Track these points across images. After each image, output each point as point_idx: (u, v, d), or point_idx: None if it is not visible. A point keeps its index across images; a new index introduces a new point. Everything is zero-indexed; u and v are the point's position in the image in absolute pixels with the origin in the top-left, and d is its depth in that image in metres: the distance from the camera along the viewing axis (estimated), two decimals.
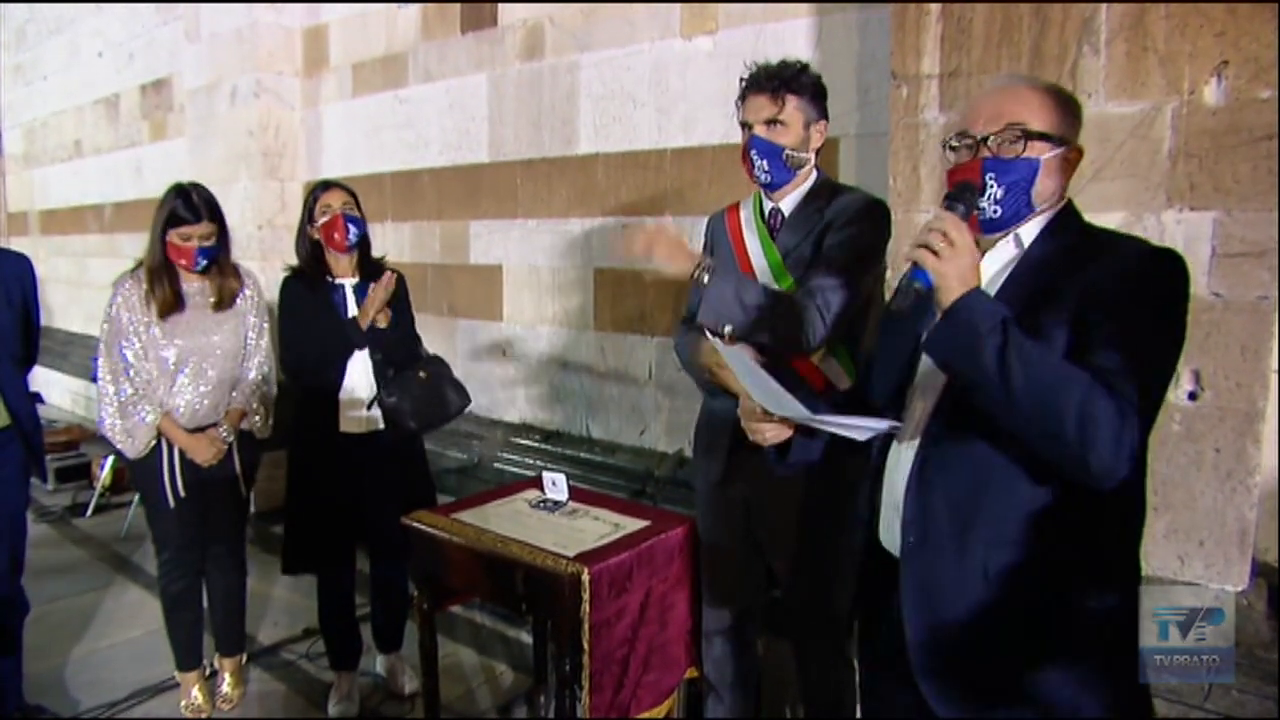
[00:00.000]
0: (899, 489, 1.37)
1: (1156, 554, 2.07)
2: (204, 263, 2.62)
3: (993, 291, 1.32)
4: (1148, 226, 1.98)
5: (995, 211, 1.32)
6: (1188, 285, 1.26)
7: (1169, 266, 1.26)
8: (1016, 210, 1.33)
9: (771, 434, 1.52)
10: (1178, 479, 2.03)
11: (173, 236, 2.57)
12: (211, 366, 2.69)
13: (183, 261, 2.60)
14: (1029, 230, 1.36)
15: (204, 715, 2.82)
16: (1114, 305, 1.21)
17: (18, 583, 2.65)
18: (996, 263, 1.38)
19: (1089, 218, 1.99)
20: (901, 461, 1.39)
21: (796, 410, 1.40)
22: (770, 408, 1.45)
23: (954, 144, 1.38)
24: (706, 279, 1.83)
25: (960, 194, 1.31)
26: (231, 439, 2.72)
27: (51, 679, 2.96)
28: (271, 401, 2.85)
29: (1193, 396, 1.99)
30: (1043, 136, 1.32)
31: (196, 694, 2.84)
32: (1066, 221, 1.37)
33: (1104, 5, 2.00)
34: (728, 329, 1.82)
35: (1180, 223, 1.96)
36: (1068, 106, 1.36)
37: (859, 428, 1.38)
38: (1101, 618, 1.28)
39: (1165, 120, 1.97)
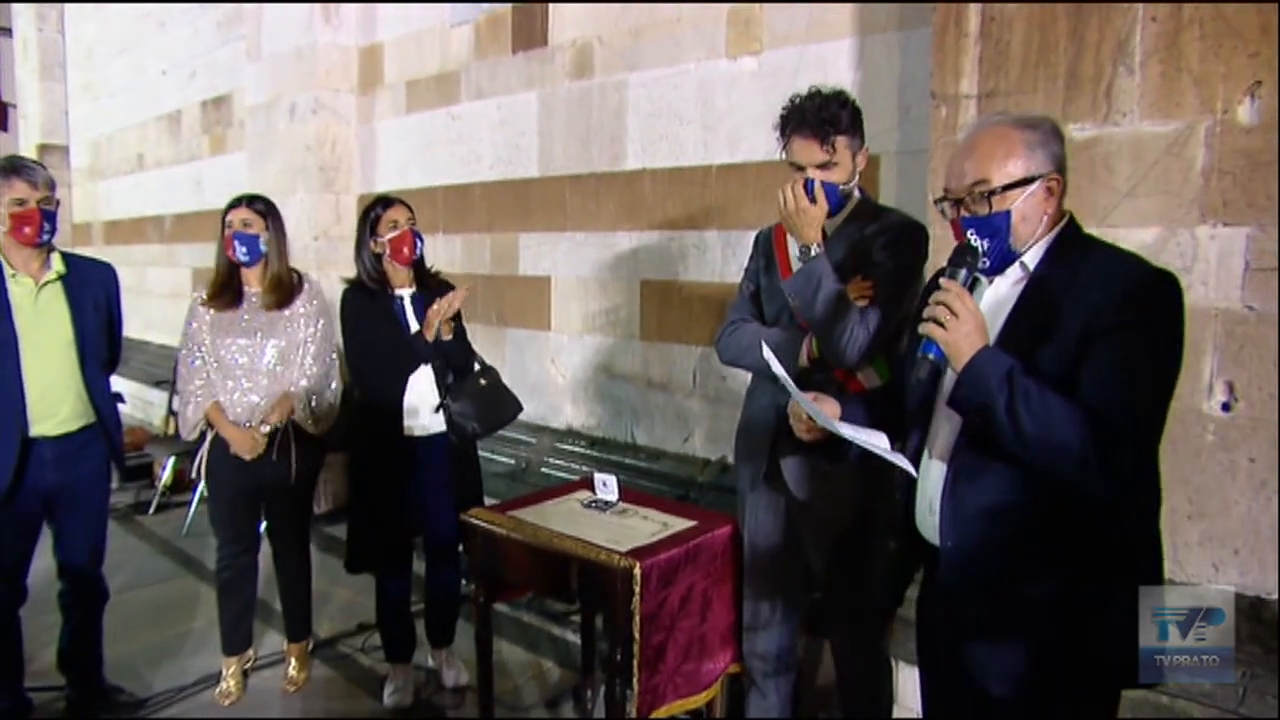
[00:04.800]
0: (930, 493, 1.54)
1: (1191, 561, 2.13)
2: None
3: (1004, 313, 1.47)
4: (1181, 242, 2.05)
5: (984, 263, 1.47)
6: (1183, 305, 1.37)
7: (1165, 290, 1.37)
8: (1002, 256, 1.46)
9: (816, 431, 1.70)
10: (1212, 488, 2.08)
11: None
12: (264, 366, 2.82)
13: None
14: (1033, 254, 1.47)
15: (231, 700, 2.94)
16: (1113, 332, 1.33)
17: (99, 569, 2.83)
18: (1005, 285, 1.50)
19: (1123, 233, 2.08)
20: (933, 471, 1.55)
21: (829, 422, 1.59)
22: (813, 416, 1.63)
23: (942, 199, 1.51)
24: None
25: (960, 258, 1.46)
26: (266, 431, 2.79)
27: (127, 663, 3.12)
28: (329, 405, 2.94)
29: (1226, 407, 2.05)
30: (1008, 187, 1.42)
31: (229, 679, 2.98)
32: (1068, 239, 1.47)
33: (1139, 27, 2.08)
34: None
35: (1214, 238, 2.02)
36: (1038, 140, 1.44)
37: (879, 449, 1.55)
38: (1113, 608, 1.41)
39: (1199, 139, 2.04)
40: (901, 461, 1.53)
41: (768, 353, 1.73)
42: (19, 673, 2.74)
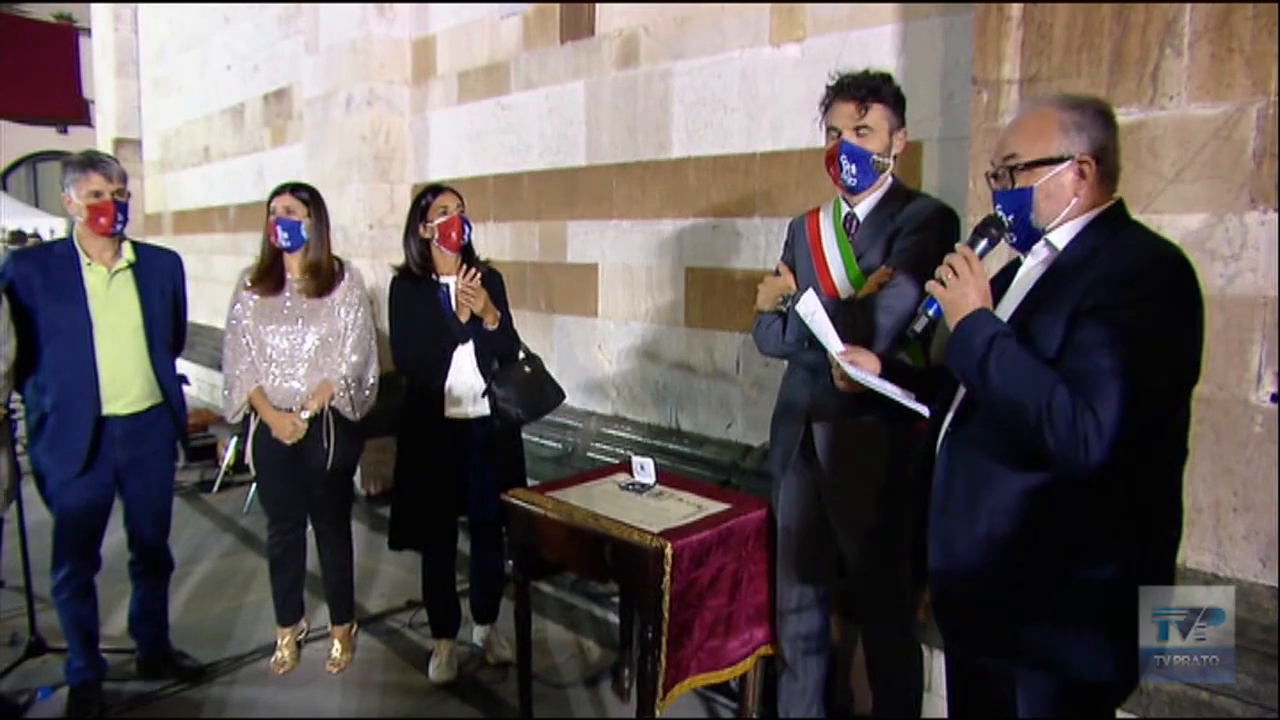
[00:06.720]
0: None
1: (1236, 556, 2.08)
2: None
3: (1025, 290, 1.50)
4: (1230, 228, 2.00)
5: (1011, 238, 1.52)
6: (1189, 285, 1.36)
7: (1164, 270, 1.37)
8: (1027, 232, 1.50)
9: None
10: (1259, 481, 2.03)
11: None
12: (304, 354, 2.91)
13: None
14: (1062, 234, 1.49)
15: (285, 669, 3.07)
16: (1101, 307, 1.34)
17: (165, 541, 2.99)
18: (1034, 264, 1.53)
19: (1169, 219, 2.04)
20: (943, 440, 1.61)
21: (863, 376, 1.72)
22: (846, 371, 1.75)
23: (989, 174, 1.55)
24: (786, 306, 2.08)
25: (984, 228, 1.52)
26: (306, 417, 2.88)
27: (190, 631, 3.29)
28: (368, 392, 3.01)
29: (1276, 398, 1.99)
30: (1033, 164, 1.45)
31: (283, 649, 3.12)
32: (1105, 223, 1.47)
33: (1188, 6, 2.03)
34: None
35: (1264, 224, 1.97)
36: (1076, 121, 1.44)
37: (897, 396, 1.64)
38: (1092, 589, 1.40)
39: (1250, 121, 1.98)
40: (918, 406, 1.59)
41: (804, 304, 1.80)
42: (95, 635, 2.90)
